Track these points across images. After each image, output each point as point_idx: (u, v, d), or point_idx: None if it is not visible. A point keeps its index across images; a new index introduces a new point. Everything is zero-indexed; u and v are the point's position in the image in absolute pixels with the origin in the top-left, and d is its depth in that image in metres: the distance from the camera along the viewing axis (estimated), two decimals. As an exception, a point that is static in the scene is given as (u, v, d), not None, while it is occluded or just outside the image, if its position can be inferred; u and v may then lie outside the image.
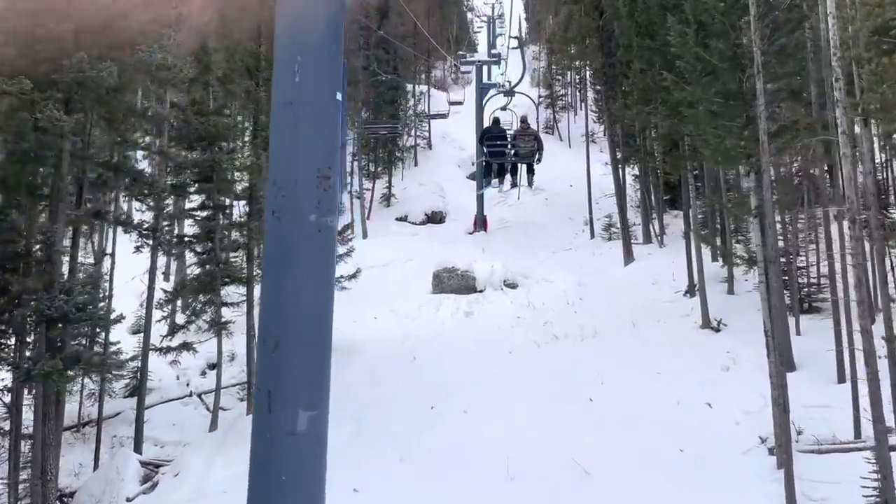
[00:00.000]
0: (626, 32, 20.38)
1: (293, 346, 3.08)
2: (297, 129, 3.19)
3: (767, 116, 10.85)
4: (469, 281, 21.66)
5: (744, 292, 18.05)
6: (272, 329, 3.07)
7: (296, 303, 3.08)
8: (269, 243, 3.12)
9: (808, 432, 11.71)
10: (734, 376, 14.18)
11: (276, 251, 3.09)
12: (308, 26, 3.35)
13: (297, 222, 3.07)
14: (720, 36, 11.99)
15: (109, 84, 10.43)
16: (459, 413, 13.96)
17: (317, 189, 3.12)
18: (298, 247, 3.08)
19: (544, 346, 17.24)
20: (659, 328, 17.13)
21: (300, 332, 3.10)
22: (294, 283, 3.09)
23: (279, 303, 3.08)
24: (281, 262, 3.08)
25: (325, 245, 3.13)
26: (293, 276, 3.09)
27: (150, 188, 12.99)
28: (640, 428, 12.63)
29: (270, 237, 3.11)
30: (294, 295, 3.08)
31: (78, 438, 15.38)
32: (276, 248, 3.09)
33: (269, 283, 3.11)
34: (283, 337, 3.05)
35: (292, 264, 3.09)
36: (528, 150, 19.36)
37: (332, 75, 3.31)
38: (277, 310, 3.08)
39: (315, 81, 3.24)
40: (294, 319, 3.09)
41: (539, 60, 52.54)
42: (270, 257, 3.11)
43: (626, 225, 24.14)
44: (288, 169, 3.15)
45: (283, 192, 3.11)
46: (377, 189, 34.37)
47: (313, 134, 3.19)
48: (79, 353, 10.88)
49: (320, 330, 3.18)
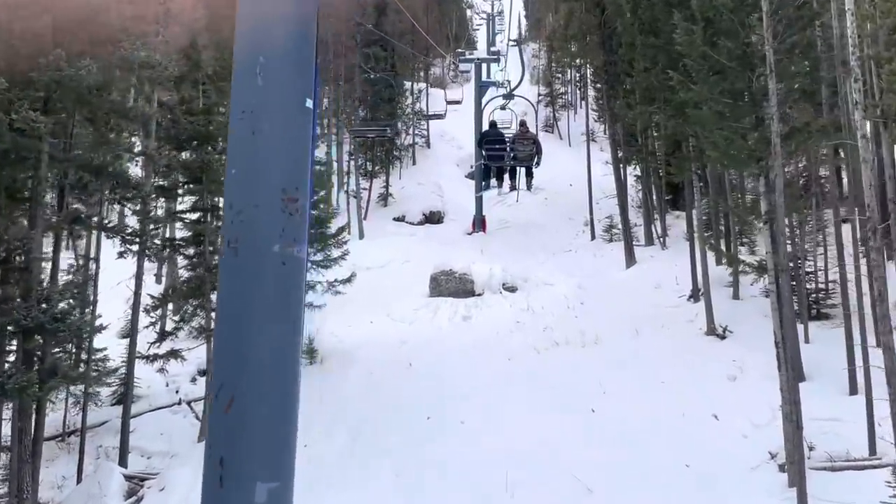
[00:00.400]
0: (629, 30, 19.86)
1: (252, 404, 2.56)
2: (257, 143, 2.68)
3: (779, 118, 10.36)
4: (467, 284, 21.15)
5: (749, 297, 17.57)
6: (226, 382, 2.56)
7: (255, 351, 2.57)
8: (224, 279, 2.61)
9: (820, 448, 11.23)
10: (741, 386, 13.70)
11: (231, 288, 2.58)
12: (273, 21, 2.84)
13: (258, 254, 2.57)
14: (729, 34, 11.49)
15: (89, 83, 9.91)
16: (457, 424, 13.48)
17: (281, 214, 2.61)
18: (259, 283, 2.57)
19: (544, 352, 16.75)
20: (662, 335, 16.63)
21: (260, 387, 2.58)
22: (253, 327, 2.57)
23: (235, 351, 2.57)
24: (238, 301, 2.58)
25: (291, 280, 2.63)
26: (252, 318, 2.58)
27: (136, 191, 12.48)
28: (644, 441, 12.16)
29: (225, 272, 2.60)
30: (253, 341, 2.57)
31: (62, 449, 14.89)
32: (231, 284, 2.59)
33: (223, 326, 2.60)
34: (239, 392, 2.54)
35: (251, 304, 2.58)
36: (526, 154, 19.16)
37: (301, 79, 2.81)
38: (233, 359, 2.57)
39: (281, 86, 2.74)
40: (253, 371, 2.57)
41: (539, 58, 52.02)
42: (225, 296, 2.60)
43: (627, 226, 23.64)
44: (247, 190, 2.65)
45: (240, 218, 2.60)
46: (374, 188, 33.87)
47: (278, 148, 2.68)
48: (56, 366, 10.38)
49: (285, 383, 2.65)
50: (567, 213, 30.32)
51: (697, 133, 15.46)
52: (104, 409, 15.82)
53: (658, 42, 17.40)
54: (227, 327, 2.59)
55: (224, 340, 2.59)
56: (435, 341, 17.91)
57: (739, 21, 11.34)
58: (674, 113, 16.69)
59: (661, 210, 26.07)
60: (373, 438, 13.43)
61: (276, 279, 2.59)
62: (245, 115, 2.71)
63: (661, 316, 17.74)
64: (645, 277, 20.94)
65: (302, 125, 2.77)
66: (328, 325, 17.96)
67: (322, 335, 17.58)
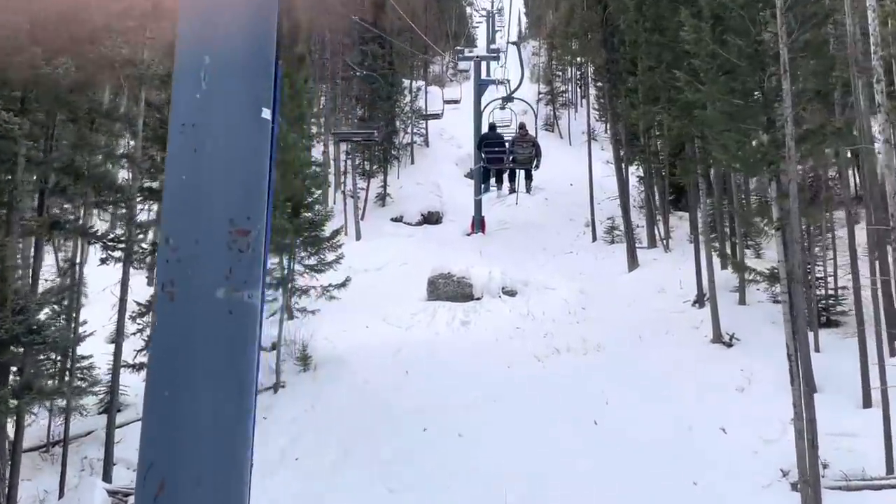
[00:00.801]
0: (633, 27, 19.33)
1: (187, 490, 2.05)
2: (200, 163, 2.16)
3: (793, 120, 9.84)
4: (466, 288, 20.63)
5: (756, 302, 17.08)
6: (157, 461, 2.05)
7: (193, 423, 2.05)
8: (158, 331, 2.10)
9: (834, 465, 10.74)
10: (750, 398, 13.21)
11: (165, 344, 2.08)
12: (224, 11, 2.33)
13: (198, 300, 2.05)
14: (739, 31, 10.98)
15: (67, 82, 9.40)
16: (454, 437, 12.98)
17: (228, 250, 2.09)
18: (199, 337, 2.05)
19: (545, 360, 16.25)
20: (667, 342, 16.12)
21: (199, 469, 2.06)
22: (191, 392, 2.06)
23: (168, 422, 2.06)
24: (172, 359, 2.06)
25: (239, 333, 2.11)
26: (190, 381, 2.07)
27: (120, 194, 11.96)
28: (650, 456, 11.66)
29: (159, 322, 2.11)
30: (191, 411, 2.05)
31: (46, 460, 14.35)
32: (166, 338, 2.08)
33: (154, 391, 2.09)
34: (171, 475, 2.03)
35: (189, 364, 2.06)
36: (526, 156, 18.95)
37: (257, 84, 2.30)
38: (165, 433, 2.06)
39: (231, 93, 2.22)
40: (190, 448, 2.05)
41: (539, 56, 51.48)
42: (158, 352, 2.09)
43: (630, 228, 23.13)
44: (186, 221, 2.13)
45: (177, 256, 2.09)
46: (372, 188, 33.34)
47: (225, 169, 2.16)
48: (30, 381, 9.86)
49: (230, 464, 2.12)
50: (568, 214, 29.83)
51: (704, 134, 14.96)
52: (90, 419, 15.28)
53: (663, 40, 16.90)
54: (159, 392, 2.08)
55: (155, 408, 2.09)
56: (432, 348, 17.39)
57: (750, 18, 10.83)
58: (679, 113, 16.17)
59: (664, 211, 25.57)
60: (366, 450, 12.92)
61: (220, 331, 2.08)
62: (185, 129, 2.19)
63: (665, 322, 17.25)
64: (648, 281, 20.45)
65: (256, 140, 2.25)
66: (322, 330, 17.45)
67: (316, 341, 17.07)
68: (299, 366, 16.58)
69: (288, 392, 15.83)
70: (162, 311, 2.07)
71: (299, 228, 16.72)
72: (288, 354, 16.78)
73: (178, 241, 2.12)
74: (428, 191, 33.54)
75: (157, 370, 2.07)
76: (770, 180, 10.80)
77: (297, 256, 17.13)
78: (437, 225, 31.14)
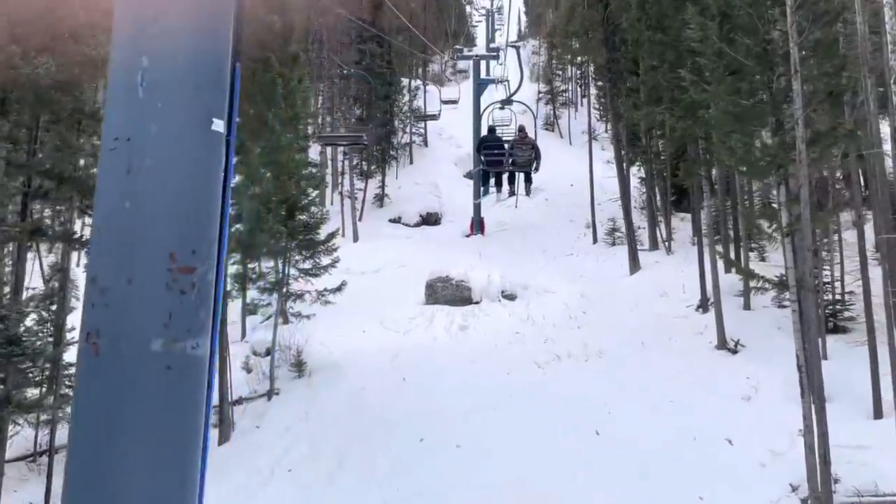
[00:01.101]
0: (636, 26, 18.94)
1: None
2: (136, 186, 1.78)
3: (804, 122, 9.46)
4: (464, 291, 20.25)
5: (761, 307, 16.70)
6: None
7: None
8: (80, 395, 1.72)
9: (846, 480, 10.34)
10: (756, 407, 12.83)
11: (88, 412, 1.69)
12: (167, 3, 1.94)
13: (128, 355, 1.67)
14: (747, 29, 10.60)
15: (47, 83, 9.02)
16: (452, 448, 12.60)
17: (166, 291, 1.72)
18: (129, 403, 1.67)
19: (545, 366, 15.87)
20: (670, 348, 15.74)
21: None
22: (122, 470, 1.68)
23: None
24: (95, 434, 1.68)
25: (180, 395, 1.73)
26: (121, 456, 1.68)
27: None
28: (654, 469, 11.28)
29: (81, 384, 1.72)
30: (118, 494, 1.68)
31: (33, 470, 13.98)
32: (89, 405, 1.69)
33: (74, 466, 1.71)
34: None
35: (120, 433, 1.68)
36: (525, 159, 18.79)
37: (206, 89, 1.91)
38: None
39: (174, 100, 1.84)
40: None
41: (539, 55, 51.10)
42: (80, 418, 1.71)
43: (631, 230, 22.72)
44: (117, 257, 1.74)
45: (104, 300, 1.71)
46: (370, 188, 32.96)
47: (166, 192, 1.78)
48: (9, 393, 9.48)
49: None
50: (568, 215, 29.47)
51: (708, 135, 14.58)
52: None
53: (666, 39, 16.51)
54: (79, 468, 1.70)
55: (75, 490, 1.72)
56: (430, 353, 17.00)
57: (758, 15, 10.44)
58: (683, 114, 15.78)
59: (666, 213, 25.20)
60: (361, 462, 12.55)
61: (156, 393, 1.68)
62: (119, 145, 1.79)
63: (668, 327, 16.87)
64: (650, 284, 20.05)
65: (205, 157, 1.85)
66: (318, 335, 17.07)
67: (311, 346, 16.69)
68: (294, 372, 16.21)
69: (282, 399, 15.47)
70: (85, 369, 1.69)
71: (294, 231, 16.34)
72: (282, 360, 16.41)
73: (106, 280, 1.73)
74: (427, 191, 33.17)
75: (77, 447, 1.69)
76: (779, 184, 10.41)
77: (291, 260, 16.75)
78: (435, 226, 30.78)
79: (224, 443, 14.04)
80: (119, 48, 1.90)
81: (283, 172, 16.20)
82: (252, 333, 18.13)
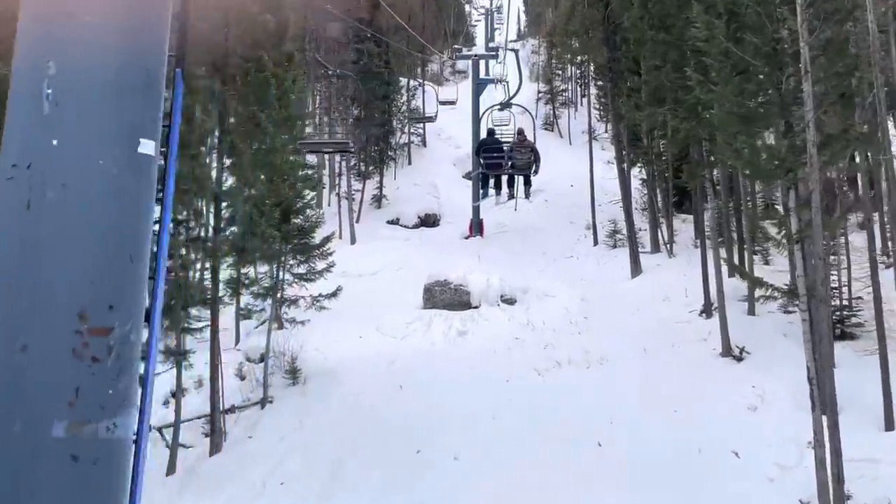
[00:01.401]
0: (638, 25, 18.55)
1: None
2: (37, 225, 1.40)
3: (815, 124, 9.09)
4: (463, 296, 19.86)
5: (766, 313, 16.32)
6: None
7: None
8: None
9: (858, 496, 9.98)
10: (763, 418, 12.46)
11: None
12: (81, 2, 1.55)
13: (23, 443, 1.31)
14: (755, 28, 10.22)
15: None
16: (449, 459, 12.26)
17: (73, 360, 1.35)
18: (24, 500, 1.31)
19: (545, 373, 15.49)
20: (673, 355, 15.36)
21: None
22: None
23: None
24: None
25: (91, 493, 1.36)
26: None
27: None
28: (659, 484, 10.91)
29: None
30: None
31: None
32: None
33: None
34: None
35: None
36: (524, 162, 18.61)
37: (131, 104, 1.53)
38: None
39: (89, 117, 1.46)
40: None
41: (538, 54, 50.69)
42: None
43: (632, 232, 22.34)
44: (7, 318, 1.39)
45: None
46: (367, 189, 32.54)
47: (73, 233, 1.41)
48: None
49: None
50: (568, 217, 29.06)
51: (712, 137, 14.21)
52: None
53: (669, 38, 16.14)
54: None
55: None
56: (428, 360, 16.60)
57: (767, 14, 10.06)
58: (687, 115, 15.41)
59: (668, 215, 24.82)
60: (356, 475, 12.20)
61: (58, 492, 1.33)
62: (17, 173, 1.41)
63: (671, 333, 16.49)
64: (652, 288, 19.67)
65: (130, 186, 1.46)
66: (313, 340, 16.69)
67: (306, 352, 16.32)
68: (288, 379, 15.84)
69: (276, 407, 15.10)
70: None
71: (288, 236, 15.96)
72: (277, 367, 16.04)
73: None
74: (425, 192, 32.76)
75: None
76: (788, 189, 10.03)
77: (286, 265, 16.38)
78: (434, 227, 30.35)
79: (215, 453, 13.68)
80: (24, 52, 1.52)
81: (276, 175, 15.83)
82: (245, 340, 17.75)
